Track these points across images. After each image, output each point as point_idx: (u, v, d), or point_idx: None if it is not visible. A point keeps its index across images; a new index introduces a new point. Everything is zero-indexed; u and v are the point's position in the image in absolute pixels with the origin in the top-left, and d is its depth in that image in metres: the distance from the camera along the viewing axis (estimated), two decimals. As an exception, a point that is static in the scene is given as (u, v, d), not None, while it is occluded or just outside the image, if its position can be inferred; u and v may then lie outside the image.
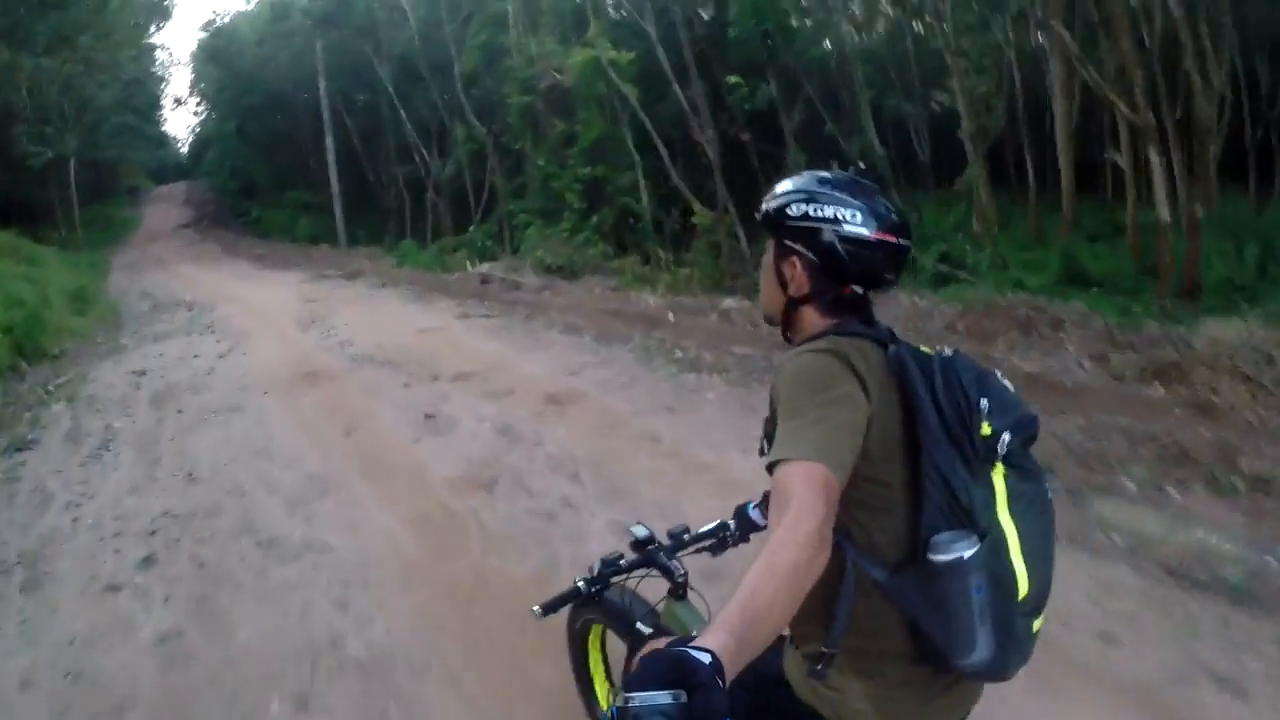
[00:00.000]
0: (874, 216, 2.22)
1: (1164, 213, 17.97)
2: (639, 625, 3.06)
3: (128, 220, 50.06)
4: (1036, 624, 2.09)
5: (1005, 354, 11.23)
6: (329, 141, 39.71)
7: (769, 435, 2.09)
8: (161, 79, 59.63)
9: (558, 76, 28.00)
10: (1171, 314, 14.65)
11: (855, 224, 2.21)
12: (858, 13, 30.61)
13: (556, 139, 28.37)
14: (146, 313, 22.40)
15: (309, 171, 45.06)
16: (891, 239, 2.24)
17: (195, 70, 52.13)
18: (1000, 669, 2.06)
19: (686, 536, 3.17)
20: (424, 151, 38.43)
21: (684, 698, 1.37)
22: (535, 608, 2.80)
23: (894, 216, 2.26)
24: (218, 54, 46.77)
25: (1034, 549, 2.03)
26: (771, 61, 26.87)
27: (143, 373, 14.26)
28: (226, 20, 49.32)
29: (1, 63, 32.13)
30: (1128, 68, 18.50)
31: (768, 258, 2.41)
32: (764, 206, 2.37)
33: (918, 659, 2.09)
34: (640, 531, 3.08)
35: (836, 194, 2.24)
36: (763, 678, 2.17)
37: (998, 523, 1.99)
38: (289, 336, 16.61)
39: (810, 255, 2.27)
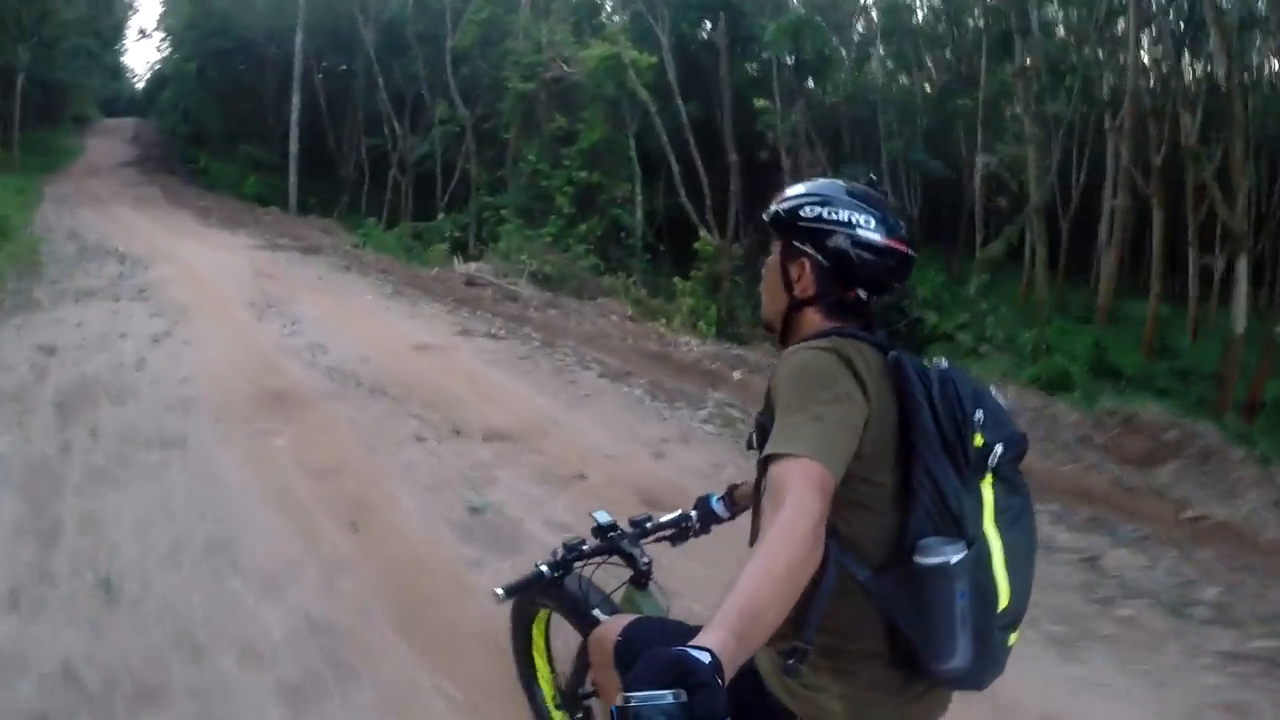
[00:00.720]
0: (886, 225, 2.16)
1: (1240, 324, 16.53)
2: (595, 612, 2.93)
3: (70, 149, 46.03)
4: (1012, 638, 2.03)
5: (1174, 484, 8.08)
6: (295, 99, 35.93)
7: (761, 429, 2.04)
8: (130, 4, 54.97)
9: (565, 68, 24.70)
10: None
11: (869, 229, 2.16)
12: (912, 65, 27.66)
13: (551, 135, 25.02)
14: (71, 258, 18.99)
15: (266, 128, 41.88)
16: (902, 248, 2.19)
17: (167, 1, 47.99)
18: (976, 678, 2.00)
19: (649, 525, 3.01)
20: (395, 125, 34.99)
21: (684, 697, 1.31)
22: (498, 589, 2.69)
23: (904, 229, 2.20)
24: None
25: (1016, 562, 1.98)
26: (800, 90, 24.06)
27: (52, 350, 10.79)
28: None
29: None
30: (1234, 170, 16.79)
31: (773, 259, 2.33)
32: (774, 208, 2.30)
33: (893, 662, 2.00)
34: (603, 518, 2.94)
35: (852, 200, 2.20)
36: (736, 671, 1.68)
37: (983, 533, 1.94)
38: (241, 324, 13.11)
39: (819, 257, 2.21)
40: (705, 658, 1.38)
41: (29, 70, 37.91)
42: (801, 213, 2.22)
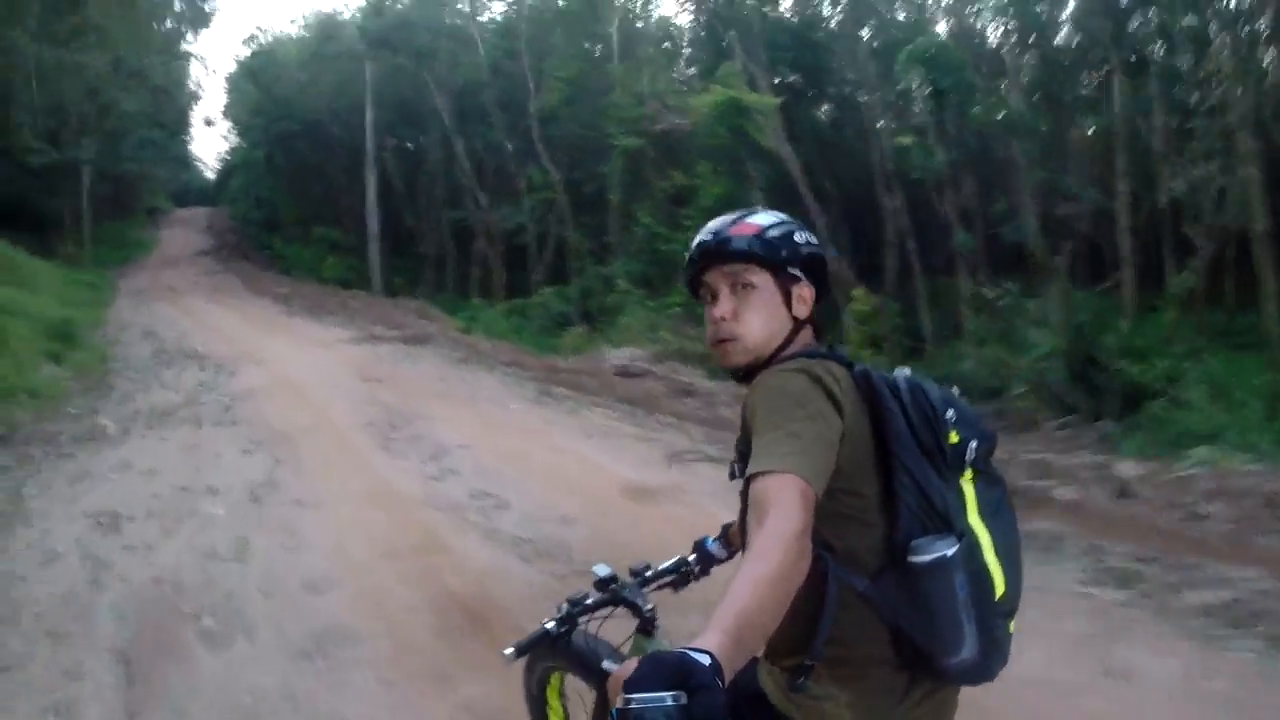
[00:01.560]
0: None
1: None
2: (605, 665, 2.73)
3: (143, 241, 43.14)
4: (1011, 625, 2.01)
5: None
6: (370, 177, 33.07)
7: (741, 456, 2.00)
8: (193, 94, 52.40)
9: (674, 120, 21.09)
10: None
11: (816, 245, 2.21)
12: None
13: (663, 194, 21.35)
14: (145, 365, 15.74)
15: (340, 209, 38.86)
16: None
17: (230, 91, 45.38)
18: (985, 670, 1.97)
19: (649, 574, 2.83)
20: (478, 195, 31.43)
21: (684, 699, 1.28)
22: (508, 650, 2.52)
23: None
24: (256, 74, 40.39)
25: (1005, 550, 1.97)
26: (938, 124, 20.37)
27: (114, 523, 7.34)
28: (269, 39, 43.69)
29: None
30: None
31: (765, 287, 2.15)
32: (762, 237, 2.16)
33: (900, 665, 1.96)
34: (602, 570, 2.72)
35: (793, 221, 2.22)
36: (739, 694, 1.96)
37: (970, 526, 1.94)
38: (367, 460, 9.35)
39: (811, 278, 2.19)
40: (705, 659, 1.34)
41: (96, 163, 35.52)
42: (795, 239, 2.17)
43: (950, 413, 1.97)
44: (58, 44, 29.57)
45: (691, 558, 2.91)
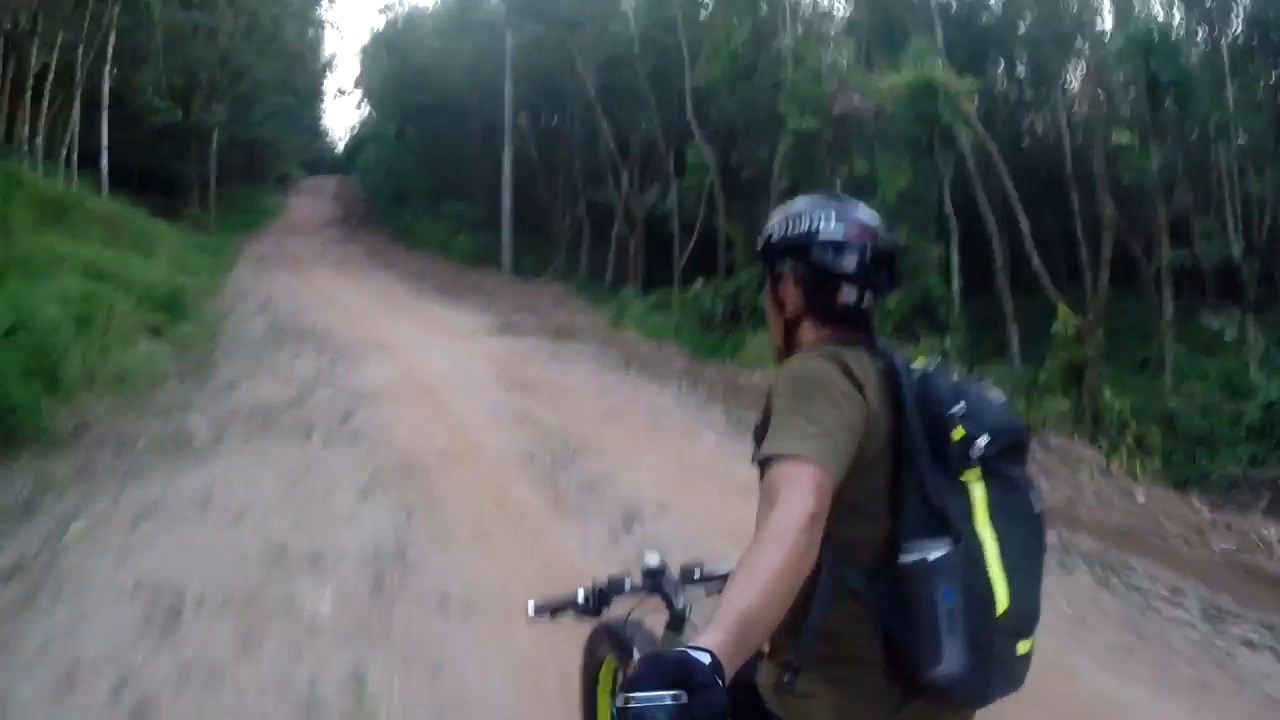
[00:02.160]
0: (847, 218, 2.06)
1: None
2: (636, 653, 2.64)
3: (270, 208, 41.51)
4: (1023, 646, 1.80)
5: None
6: (507, 152, 30.44)
7: (759, 440, 1.83)
8: (328, 63, 50.43)
9: (856, 102, 18.15)
10: None
11: (829, 228, 2.04)
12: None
13: (839, 185, 18.45)
14: (257, 343, 13.62)
15: (471, 184, 36.19)
16: (867, 239, 2.04)
17: (365, 60, 43.35)
18: (978, 691, 1.79)
19: (696, 575, 2.62)
20: (621, 176, 28.71)
21: (684, 698, 1.24)
22: (530, 606, 2.46)
23: (871, 221, 2.08)
24: (391, 44, 38.12)
25: (1016, 562, 1.77)
26: (1154, 122, 17.23)
27: (173, 610, 4.87)
28: (406, 7, 41.88)
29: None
30: None
31: (766, 291, 2.21)
32: (756, 249, 2.22)
33: (888, 672, 1.82)
34: (653, 560, 2.54)
35: (809, 206, 2.11)
36: (734, 683, 1.50)
37: (975, 532, 1.77)
38: (537, 528, 6.47)
39: (798, 269, 2.08)
40: (705, 659, 1.29)
41: (227, 128, 33.97)
42: (773, 237, 2.13)
43: (959, 405, 1.80)
44: (188, 5, 28.39)
45: None
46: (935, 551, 1.72)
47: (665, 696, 1.23)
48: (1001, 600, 1.74)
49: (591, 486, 7.24)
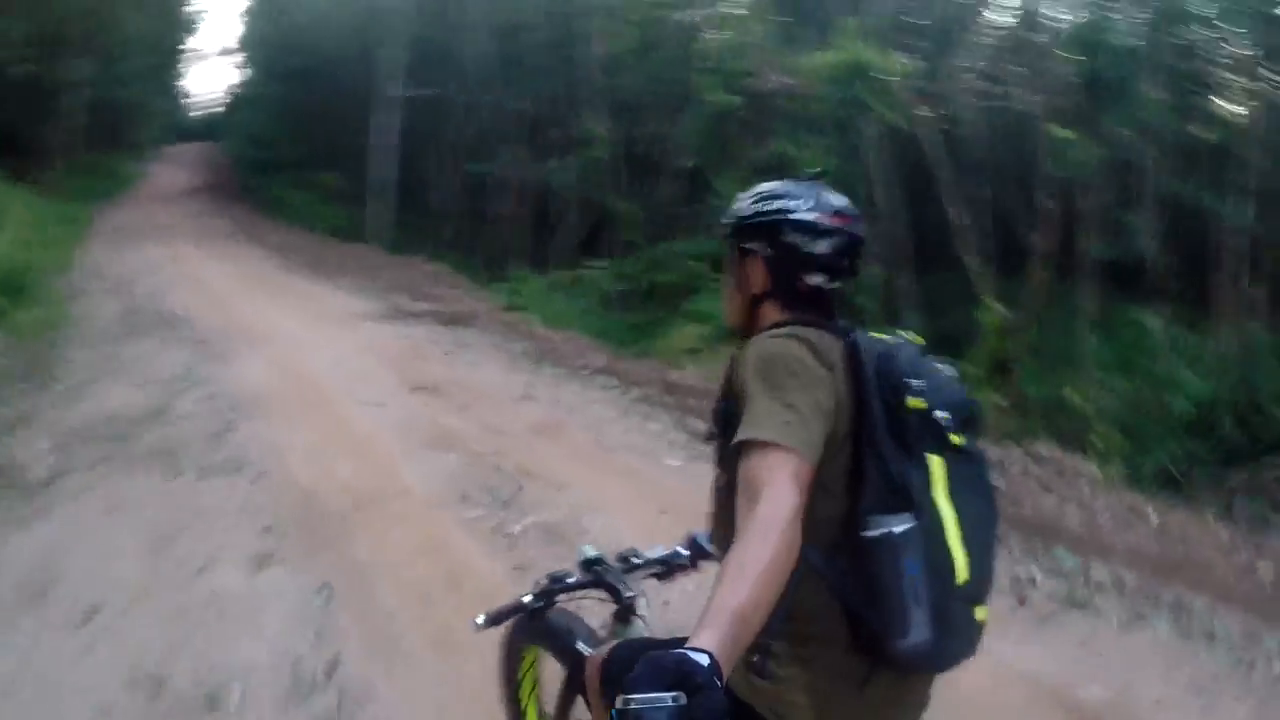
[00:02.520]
0: (823, 203, 2.06)
1: None
2: (580, 646, 2.61)
3: (132, 175, 38.06)
4: (980, 613, 1.84)
5: None
6: (385, 121, 28.39)
7: (720, 422, 1.93)
8: (195, 22, 46.92)
9: (780, 79, 16.81)
10: None
11: (804, 211, 2.04)
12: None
13: (754, 166, 16.99)
14: (110, 333, 11.52)
15: (343, 154, 33.54)
16: (841, 224, 2.06)
17: (246, 21, 40.55)
18: (940, 657, 1.80)
19: (636, 560, 2.69)
20: (512, 150, 26.56)
21: (684, 699, 1.23)
22: (479, 618, 2.40)
23: (844, 207, 2.09)
24: (271, 3, 35.64)
25: (973, 533, 1.79)
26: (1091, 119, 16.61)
27: None
28: None
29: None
30: None
31: (727, 264, 2.22)
32: (724, 220, 2.21)
33: (854, 648, 1.81)
34: (589, 551, 2.63)
35: (787, 190, 2.11)
36: None
37: (934, 505, 1.77)
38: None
39: (767, 249, 2.09)
40: (704, 660, 1.29)
41: (90, 86, 30.96)
42: (743, 213, 2.13)
43: (918, 380, 1.82)
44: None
45: (684, 550, 2.73)
46: (899, 525, 1.70)
47: (666, 698, 1.20)
48: (962, 570, 1.73)
49: (555, 538, 5.55)
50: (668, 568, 2.72)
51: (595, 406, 9.12)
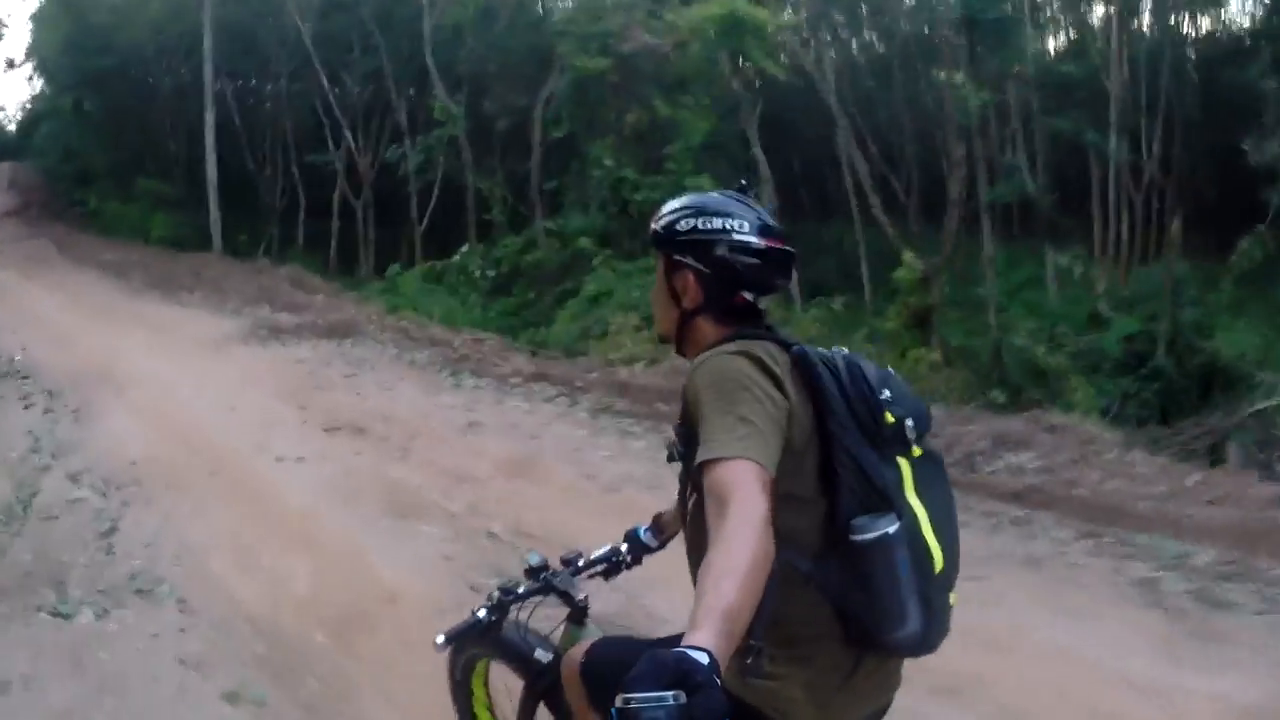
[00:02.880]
0: (760, 225, 2.00)
1: None
2: (538, 654, 2.60)
3: (-73, 203, 34.24)
4: (953, 598, 1.89)
5: None
6: (208, 118, 25.18)
7: (684, 439, 1.90)
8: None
9: (647, 39, 15.36)
10: None
11: (744, 233, 1.98)
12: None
13: (631, 131, 15.56)
14: None
15: (165, 158, 31.09)
16: (779, 245, 2.01)
17: (36, 27, 36.57)
18: (927, 642, 1.84)
19: (581, 562, 2.63)
20: (347, 136, 24.79)
21: (684, 698, 1.19)
22: (438, 638, 2.33)
23: (776, 225, 2.04)
24: (67, 3, 31.24)
25: (941, 526, 1.84)
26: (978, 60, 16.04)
27: None
28: None
29: None
30: None
31: (659, 274, 2.12)
32: (652, 227, 2.11)
33: (846, 641, 1.82)
34: (534, 559, 2.58)
35: (722, 207, 2.02)
36: None
37: (908, 503, 1.81)
38: None
39: (701, 267, 2.01)
40: (704, 658, 1.25)
41: None
42: (678, 227, 2.03)
43: (886, 392, 1.85)
44: None
45: (624, 547, 2.68)
46: (889, 526, 1.71)
47: (666, 697, 1.17)
48: (938, 560, 1.79)
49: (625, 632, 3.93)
50: (612, 565, 2.67)
51: (557, 427, 7.57)
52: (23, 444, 7.55)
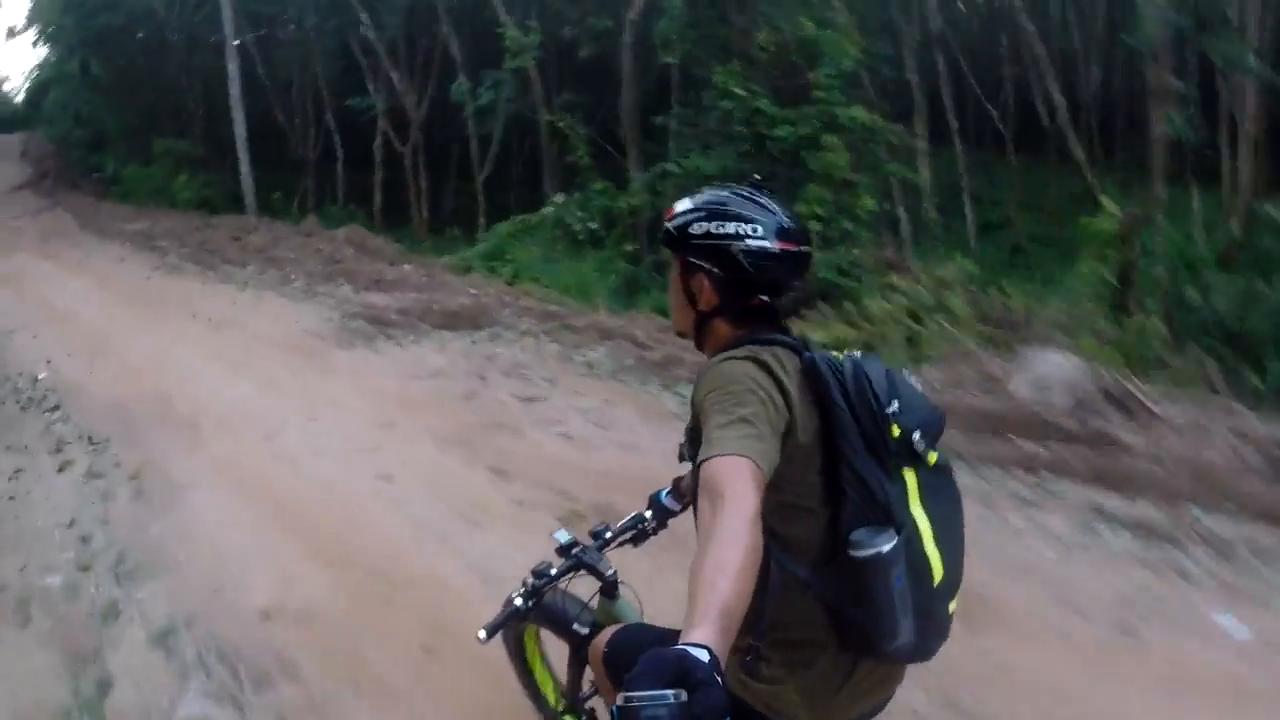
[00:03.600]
0: (775, 228, 1.86)
1: None
2: (576, 626, 2.53)
3: (-63, 179, 31.15)
4: (952, 606, 1.83)
5: None
6: (231, 69, 21.50)
7: (691, 440, 1.83)
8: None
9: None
10: None
11: (757, 237, 1.85)
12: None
13: (763, 53, 12.27)
14: None
15: (183, 114, 28.16)
16: (794, 248, 1.89)
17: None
18: (923, 651, 1.81)
19: (608, 534, 2.54)
20: (391, 77, 21.18)
21: (685, 696, 1.14)
22: (480, 633, 2.17)
23: (794, 226, 1.90)
24: None
25: (945, 537, 1.78)
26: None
27: None
28: None
29: None
30: None
31: (674, 275, 2.02)
32: (666, 225, 1.98)
33: (843, 646, 1.79)
34: (563, 537, 2.44)
35: (737, 209, 1.88)
36: None
37: (911, 515, 1.74)
38: None
39: (716, 270, 1.90)
40: (704, 656, 1.20)
41: None
42: (691, 230, 1.91)
43: (894, 404, 1.74)
44: None
45: (648, 514, 2.64)
46: (886, 544, 1.64)
47: (667, 695, 1.12)
48: (938, 572, 1.73)
49: None
50: (639, 533, 2.60)
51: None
52: (65, 551, 4.48)
